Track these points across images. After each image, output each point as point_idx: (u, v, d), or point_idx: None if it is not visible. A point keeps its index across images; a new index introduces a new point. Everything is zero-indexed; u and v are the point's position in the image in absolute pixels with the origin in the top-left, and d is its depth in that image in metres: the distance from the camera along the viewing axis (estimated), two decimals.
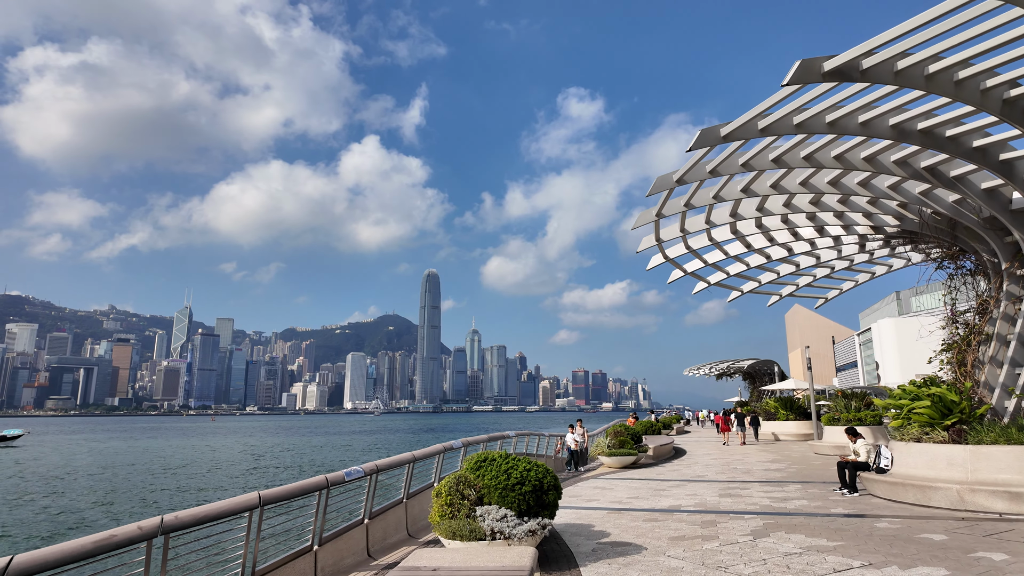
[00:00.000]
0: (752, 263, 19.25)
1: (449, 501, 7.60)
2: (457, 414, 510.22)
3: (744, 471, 18.58)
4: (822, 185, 13.11)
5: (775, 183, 13.20)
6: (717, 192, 13.52)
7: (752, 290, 21.59)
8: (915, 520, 10.01)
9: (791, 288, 21.99)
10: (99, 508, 29.38)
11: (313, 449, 73.92)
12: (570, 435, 21.05)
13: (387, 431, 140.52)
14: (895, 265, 19.96)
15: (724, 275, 19.99)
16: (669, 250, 17.36)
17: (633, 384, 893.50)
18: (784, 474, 17.57)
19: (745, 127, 9.80)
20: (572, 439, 20.78)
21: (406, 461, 10.12)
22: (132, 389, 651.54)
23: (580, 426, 21.70)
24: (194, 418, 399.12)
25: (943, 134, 10.66)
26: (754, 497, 13.18)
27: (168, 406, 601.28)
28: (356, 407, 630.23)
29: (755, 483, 15.64)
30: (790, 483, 15.46)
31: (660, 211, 13.97)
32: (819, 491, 13.88)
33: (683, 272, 19.00)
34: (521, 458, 8.27)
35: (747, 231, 16.25)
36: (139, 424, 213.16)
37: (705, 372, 73.93)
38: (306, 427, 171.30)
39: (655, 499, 13.27)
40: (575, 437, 20.83)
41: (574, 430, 21.24)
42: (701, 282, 20.53)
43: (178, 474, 44.75)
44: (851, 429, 13.78)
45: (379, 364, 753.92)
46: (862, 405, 25.40)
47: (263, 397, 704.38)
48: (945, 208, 12.87)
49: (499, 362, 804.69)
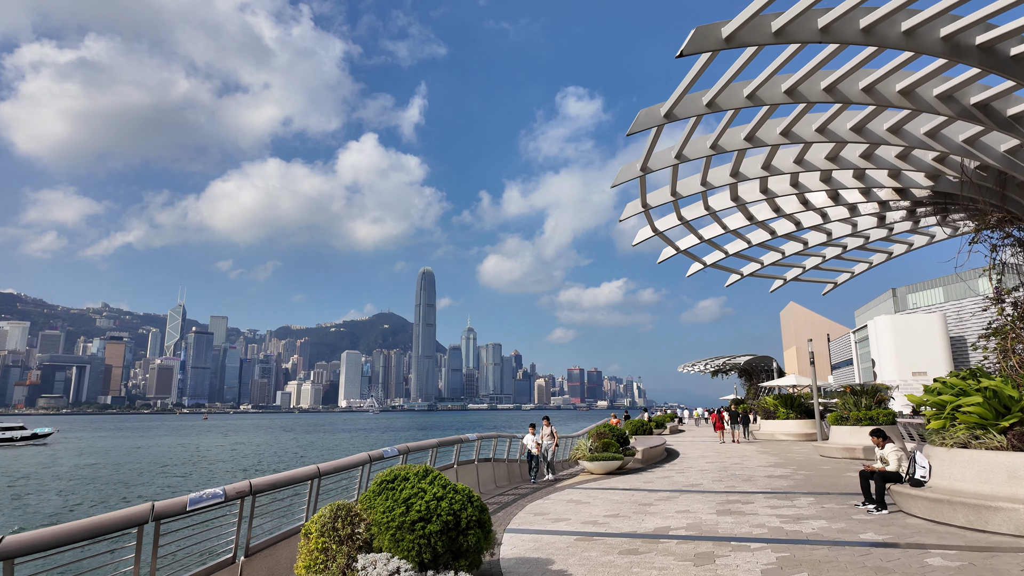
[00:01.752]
0: (754, 239, 16.80)
1: (322, 546, 5.11)
2: (452, 412, 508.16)
3: (745, 478, 16.16)
4: (843, 132, 10.65)
5: (785, 129, 10.75)
6: (715, 140, 11.04)
7: (753, 273, 19.15)
8: (977, 554, 7.57)
9: (797, 271, 19.56)
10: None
11: (281, 448, 71.38)
12: (529, 436, 17.41)
13: (379, 429, 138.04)
14: (915, 243, 17.55)
15: (722, 254, 17.54)
16: (659, 222, 14.90)
17: (628, 382, 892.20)
18: (791, 482, 15.15)
19: (753, 25, 7.31)
20: (531, 441, 17.28)
21: (305, 478, 7.55)
22: (125, 387, 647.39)
23: (548, 425, 17.92)
24: (187, 416, 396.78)
25: (1007, 52, 8.22)
26: (760, 515, 10.75)
27: (161, 404, 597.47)
28: (351, 405, 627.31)
29: (759, 494, 13.21)
30: (800, 495, 13.03)
31: (646, 163, 11.45)
32: (838, 506, 11.45)
33: (675, 249, 16.54)
34: (439, 479, 5.78)
35: (750, 197, 13.78)
36: (128, 423, 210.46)
37: (700, 369, 71.59)
38: (298, 425, 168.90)
39: (639, 518, 10.82)
40: (534, 439, 17.26)
41: (535, 430, 17.57)
42: (696, 263, 18.08)
43: (161, 472, 42.63)
44: (878, 431, 11.34)
45: (374, 362, 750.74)
46: (873, 402, 22.99)
47: (257, 395, 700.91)
48: (995, 159, 10.43)
49: (494, 360, 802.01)
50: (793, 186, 13.19)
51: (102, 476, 43.57)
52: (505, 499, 13.54)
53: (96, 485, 38.45)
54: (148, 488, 37.09)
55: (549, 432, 17.84)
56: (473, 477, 14.01)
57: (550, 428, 17.95)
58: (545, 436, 17.67)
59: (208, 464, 52.47)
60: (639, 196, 13.08)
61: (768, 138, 10.84)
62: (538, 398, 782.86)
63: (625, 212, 14.22)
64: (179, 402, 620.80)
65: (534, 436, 17.40)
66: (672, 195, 13.11)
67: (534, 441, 17.30)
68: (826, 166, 12.00)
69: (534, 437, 17.38)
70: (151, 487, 37.55)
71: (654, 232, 14.77)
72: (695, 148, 11.23)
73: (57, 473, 45.40)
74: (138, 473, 45.68)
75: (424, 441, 11.52)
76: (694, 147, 11.25)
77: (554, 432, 17.93)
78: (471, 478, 13.91)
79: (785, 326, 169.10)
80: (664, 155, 11.54)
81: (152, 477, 43.17)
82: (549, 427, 17.95)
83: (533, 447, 17.22)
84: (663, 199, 13.31)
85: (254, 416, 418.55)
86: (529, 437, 17.51)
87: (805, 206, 14.33)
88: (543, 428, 17.88)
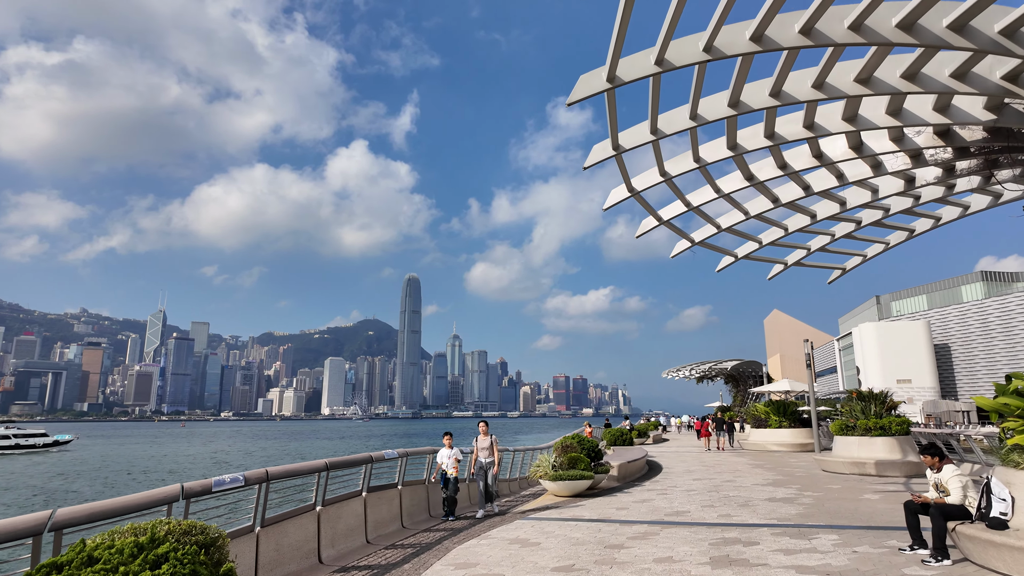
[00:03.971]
0: (752, 209, 13.76)
1: None
2: (437, 420, 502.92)
3: (741, 502, 13.03)
4: (886, 29, 7.61)
5: (805, 27, 7.69)
6: (708, 42, 7.95)
7: (749, 255, 16.13)
8: None
9: (800, 254, 16.57)
10: None
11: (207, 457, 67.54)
12: (445, 451, 12.06)
13: (359, 437, 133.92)
14: (944, 217, 14.63)
15: (713, 229, 14.49)
16: (638, 180, 11.80)
17: (614, 390, 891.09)
18: (800, 508, 12.04)
19: None
20: (447, 457, 11.91)
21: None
22: (103, 394, 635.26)
23: (486, 435, 12.82)
24: (164, 424, 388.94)
25: None
26: (771, 566, 7.61)
27: (140, 411, 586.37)
28: (334, 413, 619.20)
29: (763, 528, 10.09)
30: (817, 529, 9.92)
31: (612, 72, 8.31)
32: (875, 550, 8.35)
33: (656, 219, 13.44)
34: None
35: (751, 143, 10.71)
36: (100, 430, 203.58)
37: (685, 375, 68.67)
38: (280, 433, 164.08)
39: (601, 572, 7.64)
40: (452, 454, 11.98)
41: (451, 441, 12.17)
42: (682, 240, 15.03)
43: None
44: (932, 448, 8.24)
45: (358, 369, 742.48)
46: (883, 409, 20.02)
47: (238, 402, 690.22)
48: None
49: (480, 367, 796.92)
50: (807, 128, 10.15)
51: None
52: (428, 538, 10.28)
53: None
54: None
55: (487, 445, 12.65)
56: (386, 509, 10.70)
57: (489, 438, 12.77)
58: (480, 450, 12.59)
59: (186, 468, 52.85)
60: (608, 122, 9.91)
61: (781, 39, 7.78)
62: (523, 405, 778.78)
63: (591, 156, 11.15)
64: (158, 409, 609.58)
65: (451, 451, 11.95)
66: (652, 132, 10.00)
67: (451, 458, 11.79)
68: (855, 91, 8.95)
69: (451, 452, 11.92)
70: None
71: (629, 192, 11.65)
72: (682, 52, 8.14)
73: None
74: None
75: (297, 464, 8.31)
76: (682, 52, 8.15)
77: (494, 443, 12.77)
78: (385, 510, 10.59)
79: (769, 334, 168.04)
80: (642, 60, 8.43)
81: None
82: (488, 437, 12.81)
83: (450, 467, 11.71)
84: (640, 138, 10.20)
85: (235, 423, 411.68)
86: (444, 452, 11.91)
87: (819, 160, 11.32)
88: (479, 438, 12.74)
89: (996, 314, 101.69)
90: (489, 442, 12.83)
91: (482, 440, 12.85)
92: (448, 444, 12.13)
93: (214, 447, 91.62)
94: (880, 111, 9.68)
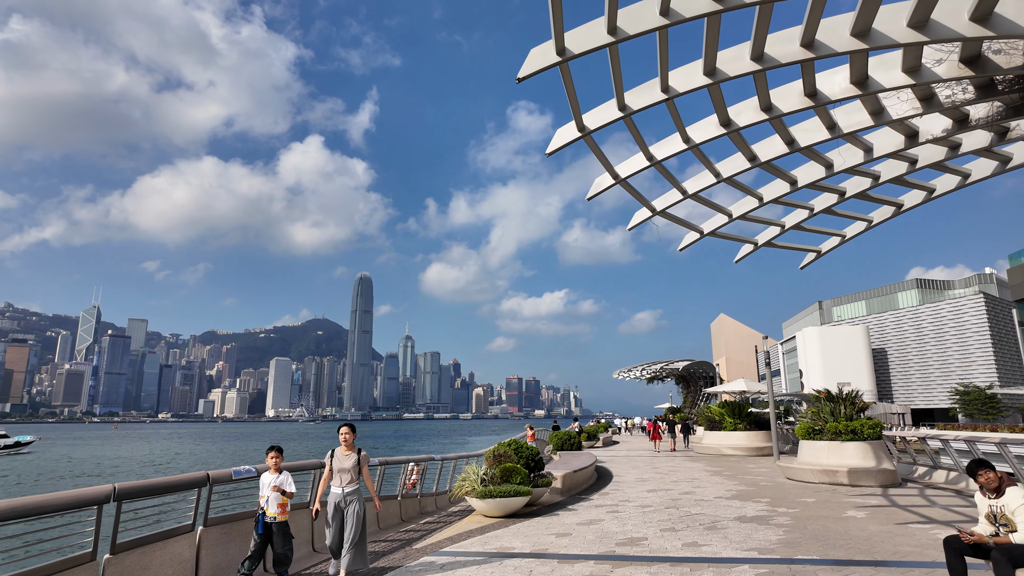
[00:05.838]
0: (725, 170, 11.43)
1: None
2: (387, 422, 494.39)
3: (707, 523, 10.68)
4: None
5: None
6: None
7: (715, 231, 13.86)
8: None
9: (772, 233, 14.42)
10: None
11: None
12: (267, 477, 7.32)
13: (309, 438, 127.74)
14: (939, 189, 12.69)
15: (678, 195, 12.10)
16: (591, 116, 9.27)
17: (566, 391, 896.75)
18: (780, 532, 9.74)
19: None
20: (269, 488, 7.24)
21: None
22: (28, 394, 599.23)
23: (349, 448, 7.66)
24: (95, 426, 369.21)
25: None
26: None
27: (69, 412, 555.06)
28: (279, 415, 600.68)
29: (744, 564, 7.68)
30: (815, 568, 7.58)
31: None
32: None
33: (613, 177, 10.93)
34: None
35: (732, 66, 8.32)
36: (12, 432, 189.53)
37: (636, 375, 67.25)
38: (217, 434, 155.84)
39: None
40: (274, 481, 7.23)
41: (280, 461, 7.42)
42: (643, 209, 12.63)
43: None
44: (982, 463, 5.96)
45: (305, 370, 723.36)
46: (854, 411, 18.21)
47: (178, 403, 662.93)
48: None
49: (432, 369, 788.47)
50: (805, 47, 7.83)
51: None
52: None
53: None
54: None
55: (350, 465, 7.55)
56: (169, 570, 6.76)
57: (355, 455, 7.64)
58: (338, 473, 7.55)
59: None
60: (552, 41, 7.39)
61: None
62: (476, 407, 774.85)
63: (555, 140, 8.98)
64: (89, 410, 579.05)
65: (277, 477, 7.21)
66: (620, 109, 8.03)
67: (271, 486, 7.13)
68: None
69: (276, 479, 7.18)
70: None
71: (580, 132, 9.12)
72: None
73: None
74: None
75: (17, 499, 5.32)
76: None
77: (363, 462, 7.68)
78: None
79: (715, 337, 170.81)
80: None
81: None
82: (353, 452, 7.65)
83: (272, 504, 7.07)
84: (608, 116, 8.33)
85: (172, 425, 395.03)
86: (267, 478, 7.23)
87: (812, 99, 9.07)
88: (336, 453, 7.67)
89: (930, 320, 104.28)
90: (355, 461, 7.58)
91: (342, 458, 7.60)
92: (274, 465, 7.27)
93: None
94: (901, 22, 7.48)
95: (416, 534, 10.89)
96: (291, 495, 7.28)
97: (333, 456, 7.72)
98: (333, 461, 7.67)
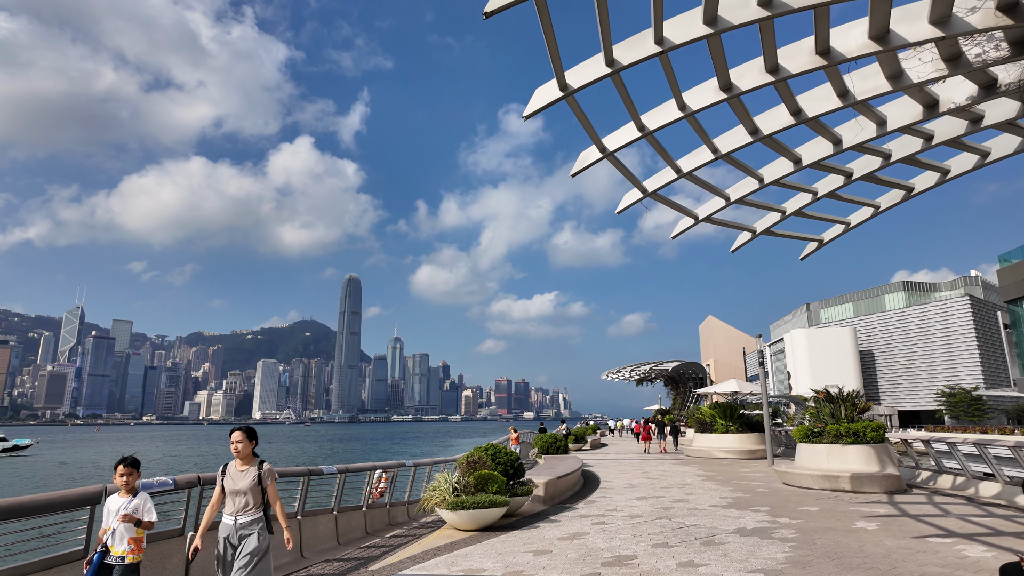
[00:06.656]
0: (724, 146, 10.34)
1: None
2: (375, 424, 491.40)
3: (704, 537, 9.55)
4: None
5: None
6: None
7: (711, 217, 12.78)
8: None
9: (772, 219, 13.35)
10: None
11: None
12: (115, 501, 5.21)
13: (294, 440, 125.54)
14: (953, 171, 11.67)
15: (672, 174, 10.99)
16: (573, 73, 8.14)
17: (555, 393, 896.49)
18: (787, 549, 8.63)
19: None
20: (113, 513, 5.15)
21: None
22: (9, 396, 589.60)
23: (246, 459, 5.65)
24: (78, 428, 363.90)
25: None
26: None
27: (52, 415, 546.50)
28: (266, 417, 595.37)
29: None
30: None
31: None
32: None
33: (600, 150, 9.79)
34: None
35: (735, 14, 7.23)
36: None
37: (625, 376, 66.24)
38: (202, 437, 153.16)
39: None
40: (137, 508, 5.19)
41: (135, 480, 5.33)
42: (633, 190, 11.52)
43: None
44: None
45: (293, 372, 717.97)
46: (855, 413, 17.20)
47: (163, 406, 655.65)
48: None
49: (421, 371, 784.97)
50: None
51: None
52: None
53: None
54: None
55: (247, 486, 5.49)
56: None
57: (254, 469, 5.58)
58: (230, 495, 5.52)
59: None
60: None
61: None
62: (465, 409, 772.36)
63: (532, 102, 7.98)
64: (73, 412, 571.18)
65: (129, 501, 5.19)
66: (608, 65, 7.02)
67: (120, 514, 5.10)
68: None
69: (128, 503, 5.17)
70: None
71: (561, 91, 7.98)
72: None
73: None
74: None
75: None
76: None
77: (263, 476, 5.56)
78: None
79: (704, 339, 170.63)
80: None
81: None
82: (253, 465, 5.61)
83: (119, 539, 5.08)
84: (595, 72, 7.52)
85: (157, 427, 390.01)
86: (115, 501, 5.21)
87: (824, 57, 8.02)
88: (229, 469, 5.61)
89: (916, 322, 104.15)
90: (254, 478, 5.53)
91: (235, 475, 5.59)
92: (124, 485, 5.28)
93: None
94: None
95: (378, 551, 9.66)
96: (149, 525, 5.27)
97: (225, 472, 5.62)
98: (224, 479, 5.59)
